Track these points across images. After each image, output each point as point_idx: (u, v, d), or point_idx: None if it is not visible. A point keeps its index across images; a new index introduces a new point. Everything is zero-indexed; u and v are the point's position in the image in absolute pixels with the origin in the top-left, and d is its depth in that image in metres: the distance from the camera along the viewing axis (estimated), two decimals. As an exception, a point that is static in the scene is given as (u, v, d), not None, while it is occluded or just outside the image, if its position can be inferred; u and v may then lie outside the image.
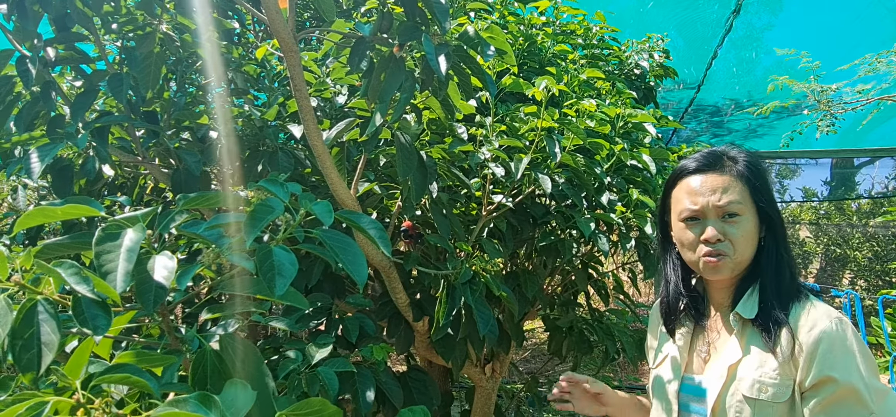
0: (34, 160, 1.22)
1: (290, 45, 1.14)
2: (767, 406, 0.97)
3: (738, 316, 1.03)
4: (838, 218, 8.97)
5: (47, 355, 0.52)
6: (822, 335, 0.94)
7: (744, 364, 1.00)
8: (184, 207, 0.80)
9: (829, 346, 0.93)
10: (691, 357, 1.11)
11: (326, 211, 0.73)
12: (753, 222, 1.03)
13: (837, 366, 0.92)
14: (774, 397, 0.96)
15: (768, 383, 0.97)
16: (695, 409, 1.07)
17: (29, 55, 1.32)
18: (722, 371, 1.02)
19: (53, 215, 0.73)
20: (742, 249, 1.03)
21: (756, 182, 1.04)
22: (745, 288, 1.05)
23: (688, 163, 1.09)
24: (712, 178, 1.05)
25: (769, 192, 1.05)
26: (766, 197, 1.04)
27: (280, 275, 0.67)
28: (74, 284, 0.56)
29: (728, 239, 1.02)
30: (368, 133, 1.19)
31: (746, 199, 1.03)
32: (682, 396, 1.09)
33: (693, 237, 1.05)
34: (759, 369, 0.98)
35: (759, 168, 1.06)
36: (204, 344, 0.76)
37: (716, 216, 1.03)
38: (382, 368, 1.39)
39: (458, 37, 1.10)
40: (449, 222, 1.53)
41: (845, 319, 0.99)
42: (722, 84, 4.81)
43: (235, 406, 0.54)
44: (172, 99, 1.56)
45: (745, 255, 1.03)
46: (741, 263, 1.04)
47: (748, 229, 1.03)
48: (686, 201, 1.06)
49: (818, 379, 0.93)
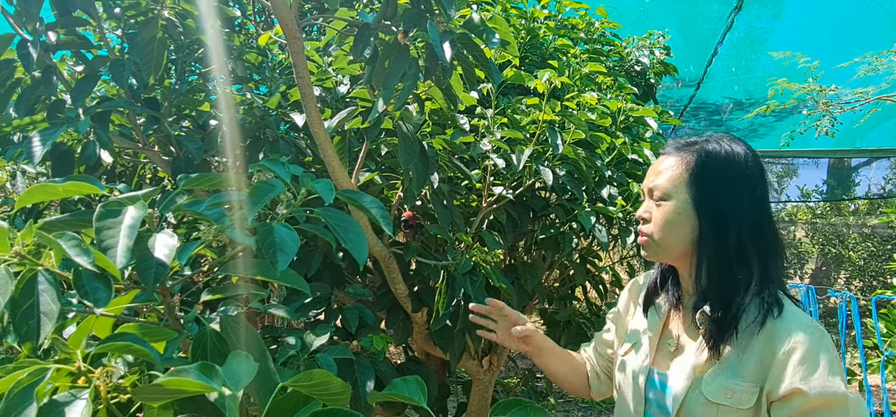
0: (36, 144, 1.21)
1: (293, 31, 1.14)
2: (731, 412, 0.93)
3: (705, 313, 0.99)
4: (833, 217, 9.00)
5: (47, 324, 0.52)
6: (795, 344, 0.90)
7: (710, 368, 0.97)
8: (185, 187, 0.79)
9: (802, 357, 0.89)
10: (660, 348, 1.08)
11: (328, 189, 0.73)
12: (681, 211, 0.99)
13: (809, 378, 0.88)
14: (738, 403, 0.92)
15: (733, 388, 0.93)
16: (660, 405, 1.03)
17: (30, 39, 1.31)
18: (687, 372, 0.99)
19: (55, 192, 0.73)
20: (662, 235, 1.00)
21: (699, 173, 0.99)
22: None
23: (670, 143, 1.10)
24: (663, 159, 1.05)
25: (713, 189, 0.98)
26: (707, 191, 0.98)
27: (282, 252, 0.66)
28: (75, 256, 0.56)
29: (652, 220, 1.02)
30: (371, 120, 1.18)
31: (679, 187, 0.99)
32: (649, 391, 1.06)
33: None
34: (724, 373, 0.95)
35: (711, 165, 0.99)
36: (204, 323, 0.76)
37: (649, 196, 1.04)
38: (382, 358, 1.39)
39: (463, 24, 1.10)
40: (449, 213, 1.53)
41: (821, 328, 0.94)
42: (721, 82, 4.82)
43: (238, 375, 0.54)
44: (174, 86, 1.55)
45: (668, 242, 1.01)
46: (665, 248, 1.02)
47: (668, 215, 0.99)
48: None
49: (788, 391, 0.89)
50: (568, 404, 4.47)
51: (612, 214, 1.66)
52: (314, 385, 0.52)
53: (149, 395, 0.51)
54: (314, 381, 0.52)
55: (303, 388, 0.53)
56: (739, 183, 0.99)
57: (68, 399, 0.49)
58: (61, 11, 1.35)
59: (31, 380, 0.49)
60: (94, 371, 0.53)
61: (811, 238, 8.71)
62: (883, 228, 7.82)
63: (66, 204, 1.76)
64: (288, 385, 0.52)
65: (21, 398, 0.48)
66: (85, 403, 0.48)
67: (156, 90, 1.54)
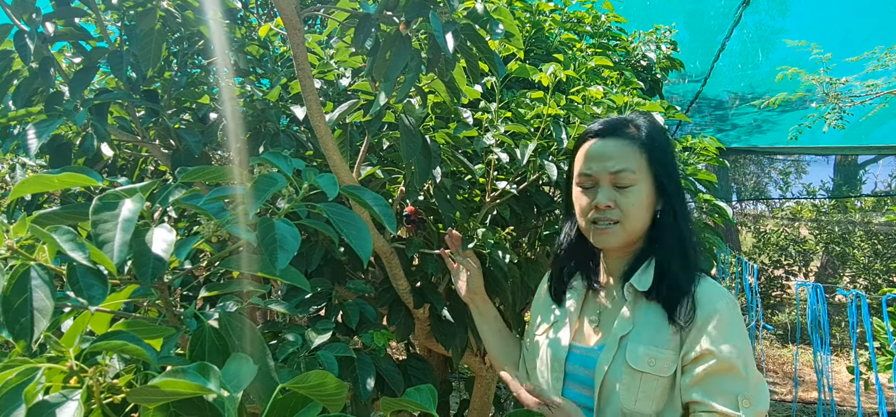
0: (31, 136, 1.19)
1: (293, 22, 1.12)
2: (652, 380, 0.96)
3: (632, 287, 1.02)
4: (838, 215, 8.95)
5: (41, 321, 0.50)
6: (712, 311, 0.95)
7: (634, 337, 0.99)
8: (183, 180, 0.78)
9: (718, 322, 0.94)
10: (581, 324, 1.09)
11: (331, 184, 0.71)
12: (647, 192, 1.01)
13: (720, 341, 0.93)
14: (660, 370, 0.96)
15: (656, 356, 0.96)
16: (582, 379, 1.04)
17: (27, 30, 1.29)
18: (612, 342, 1.01)
19: (50, 183, 0.71)
20: (633, 219, 1.01)
21: (655, 152, 1.01)
22: (642, 259, 1.03)
23: (592, 127, 1.08)
24: (610, 144, 1.03)
25: (670, 164, 1.03)
26: (664, 168, 1.02)
27: (282, 249, 0.65)
28: (69, 250, 0.54)
29: (619, 208, 1.01)
30: (372, 112, 1.16)
31: (642, 168, 1.01)
32: (569, 365, 1.07)
33: (586, 202, 1.04)
34: (649, 342, 0.97)
35: (661, 138, 1.04)
36: (203, 320, 0.74)
37: (609, 183, 1.02)
38: (383, 354, 1.37)
39: (466, 14, 1.07)
40: (452, 208, 1.51)
41: (735, 299, 1.00)
42: (727, 78, 4.78)
43: (237, 378, 0.52)
44: (173, 78, 1.53)
45: (637, 226, 1.02)
46: (632, 233, 1.02)
47: (640, 199, 1.00)
48: (582, 165, 1.05)
49: (701, 352, 0.94)
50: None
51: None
52: (311, 387, 0.51)
53: (143, 397, 0.49)
54: (311, 383, 0.51)
55: (300, 389, 0.51)
56: (673, 156, 1.06)
57: (59, 399, 0.48)
58: (59, 2, 1.33)
59: (20, 380, 0.48)
60: (87, 371, 0.51)
61: (816, 236, 8.67)
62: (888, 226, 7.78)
63: (67, 197, 1.74)
64: (286, 386, 0.51)
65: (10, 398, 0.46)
66: (76, 404, 0.47)
67: (155, 82, 1.52)
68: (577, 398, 1.04)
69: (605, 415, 1.00)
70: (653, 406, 0.96)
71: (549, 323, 1.14)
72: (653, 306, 1.00)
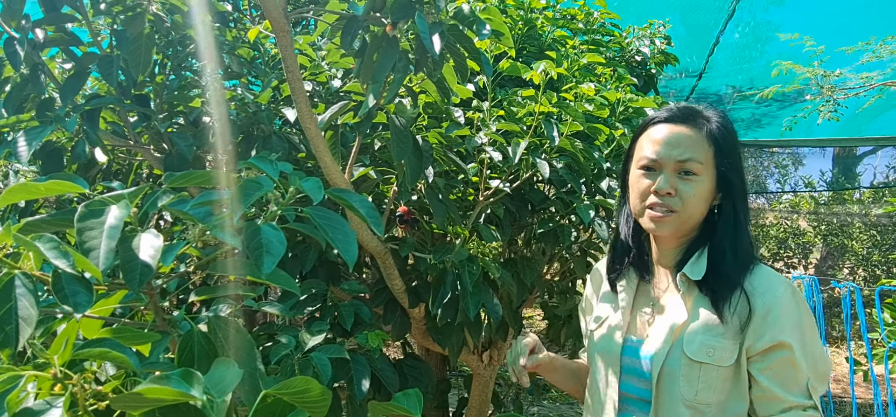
0: (22, 143, 1.20)
1: (281, 24, 1.12)
2: (713, 370, 0.95)
3: (685, 277, 1.01)
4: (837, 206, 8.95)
5: (25, 329, 0.51)
6: (772, 300, 0.95)
7: (690, 327, 0.99)
8: (170, 185, 0.78)
9: (779, 311, 0.94)
10: (634, 317, 1.08)
11: (316, 188, 0.71)
12: (709, 185, 1.01)
13: (783, 330, 0.93)
14: (720, 360, 0.95)
15: (715, 345, 0.96)
16: (638, 372, 1.04)
17: (17, 36, 1.29)
18: (667, 333, 1.00)
19: (36, 191, 0.71)
20: (692, 209, 1.00)
21: (723, 145, 1.01)
22: (694, 249, 1.02)
23: (660, 113, 1.06)
24: (678, 131, 1.02)
25: (736, 158, 1.02)
26: (730, 162, 1.01)
27: (268, 253, 0.65)
28: (53, 258, 0.54)
29: (679, 196, 1.00)
30: (362, 114, 1.17)
31: (708, 161, 1.00)
32: (624, 358, 1.06)
33: (646, 185, 1.02)
34: (705, 332, 0.97)
35: (730, 131, 1.03)
36: (192, 325, 0.74)
37: (672, 170, 1.00)
38: (377, 355, 1.38)
39: (452, 15, 1.07)
40: (445, 208, 1.51)
41: (792, 284, 0.99)
42: (724, 72, 4.77)
43: (222, 383, 0.52)
44: (165, 82, 1.53)
45: (694, 216, 1.01)
46: (687, 222, 1.01)
47: (702, 190, 1.00)
48: (647, 149, 1.03)
49: (770, 344, 0.93)
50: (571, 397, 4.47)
51: (611, 207, 1.64)
52: (295, 393, 0.51)
53: (127, 404, 0.50)
54: (294, 389, 0.51)
55: (283, 395, 0.51)
56: (739, 150, 1.04)
57: (43, 407, 0.48)
58: (48, 8, 1.33)
59: (3, 388, 0.48)
60: (72, 378, 0.51)
61: (814, 227, 8.67)
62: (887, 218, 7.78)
63: (62, 203, 1.75)
64: (271, 393, 0.51)
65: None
66: (59, 411, 0.47)
67: (147, 87, 1.52)
68: (634, 391, 1.04)
69: (663, 407, 0.99)
70: (715, 396, 0.96)
71: (604, 315, 1.13)
72: (707, 295, 1.00)
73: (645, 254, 1.10)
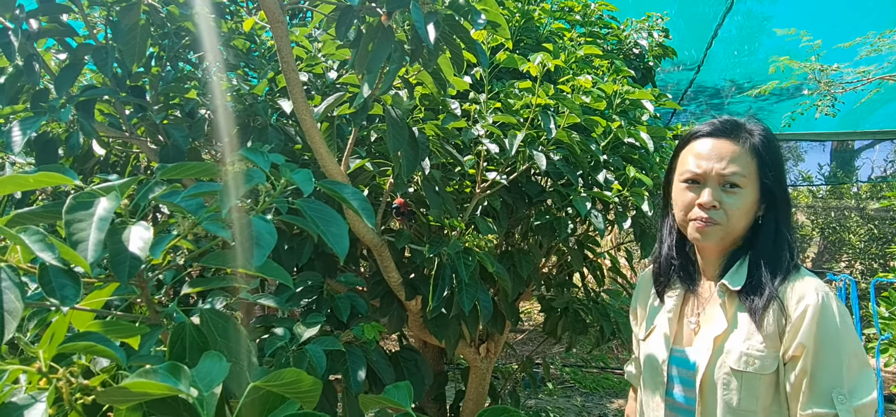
0: (15, 133, 1.19)
1: (276, 15, 1.11)
2: (754, 379, 0.97)
3: (725, 286, 1.03)
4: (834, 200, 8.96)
5: (11, 323, 0.50)
6: (807, 306, 0.95)
7: (731, 337, 1.00)
8: (162, 177, 0.77)
9: (813, 316, 0.94)
10: (680, 327, 1.11)
11: (307, 180, 0.71)
12: (753, 197, 1.02)
13: (811, 336, 0.93)
14: (761, 369, 0.96)
15: (755, 355, 0.97)
16: (683, 381, 1.06)
17: (11, 27, 1.28)
18: (709, 343, 1.02)
19: (25, 183, 0.70)
20: (735, 221, 1.01)
21: (766, 158, 1.02)
22: (736, 259, 1.04)
23: (702, 127, 1.07)
24: (722, 145, 1.03)
25: (779, 170, 1.03)
26: (773, 174, 1.02)
27: (258, 246, 0.64)
28: (38, 251, 0.54)
29: (723, 208, 1.01)
30: (357, 105, 1.16)
31: (752, 173, 1.01)
32: (671, 368, 1.08)
33: (690, 199, 1.04)
34: (746, 341, 0.98)
35: (773, 144, 1.04)
36: (183, 317, 0.74)
37: (717, 183, 1.02)
38: (373, 347, 1.38)
39: (447, 5, 1.06)
40: (442, 200, 1.51)
41: (831, 292, 0.99)
42: (722, 65, 4.75)
43: (209, 377, 0.52)
44: (160, 74, 1.52)
45: (737, 228, 1.02)
46: (731, 234, 1.02)
47: (746, 203, 1.01)
48: (691, 163, 1.05)
49: (795, 350, 0.94)
50: (569, 390, 4.48)
51: (607, 199, 1.63)
52: (285, 384, 0.51)
53: (113, 398, 0.49)
54: (285, 380, 0.50)
55: (274, 387, 0.51)
56: (782, 162, 1.05)
57: (28, 401, 0.47)
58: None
59: (-11, 382, 0.48)
60: (58, 371, 0.51)
61: (812, 221, 8.67)
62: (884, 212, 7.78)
63: (58, 194, 1.74)
64: (258, 385, 0.51)
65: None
66: (43, 405, 0.47)
67: (142, 78, 1.51)
68: (681, 399, 1.06)
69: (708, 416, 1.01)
70: (758, 404, 0.97)
71: (652, 325, 1.16)
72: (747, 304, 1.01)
73: (690, 265, 1.12)
